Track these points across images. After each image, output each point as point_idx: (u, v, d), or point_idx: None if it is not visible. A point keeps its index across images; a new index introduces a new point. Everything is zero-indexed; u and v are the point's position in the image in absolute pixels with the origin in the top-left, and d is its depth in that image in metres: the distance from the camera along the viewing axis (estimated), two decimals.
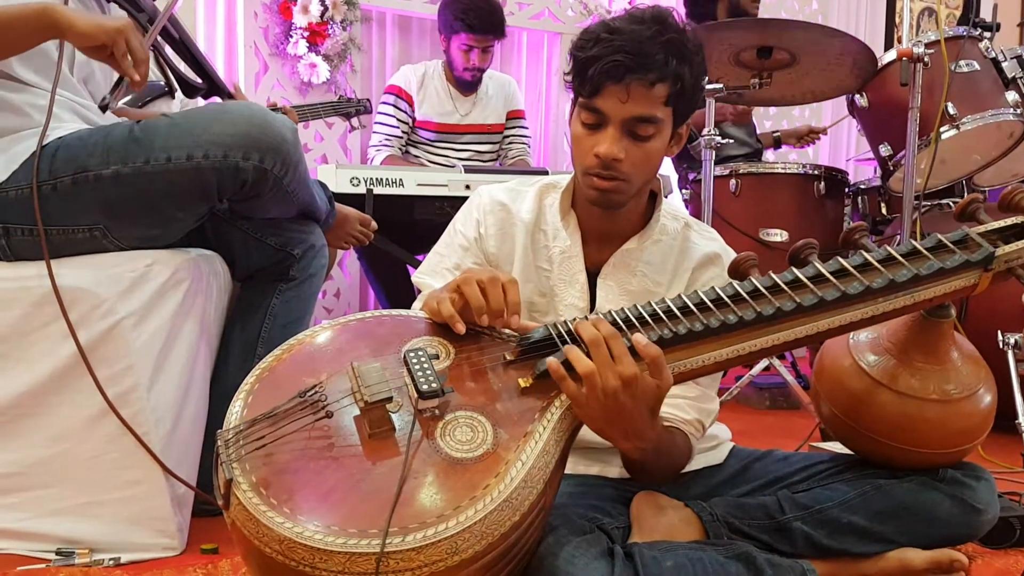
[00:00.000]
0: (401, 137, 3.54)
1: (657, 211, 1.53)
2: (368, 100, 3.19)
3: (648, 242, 1.52)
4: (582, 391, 1.14)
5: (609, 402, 1.13)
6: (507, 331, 1.27)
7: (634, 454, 1.26)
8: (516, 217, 1.55)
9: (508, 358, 1.23)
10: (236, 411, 1.14)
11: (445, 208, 2.80)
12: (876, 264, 1.26)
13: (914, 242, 1.28)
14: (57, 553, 1.52)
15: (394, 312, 1.33)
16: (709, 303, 1.24)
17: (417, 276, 1.57)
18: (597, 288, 1.51)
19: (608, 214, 1.48)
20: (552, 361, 1.16)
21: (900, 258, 1.26)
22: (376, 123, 3.54)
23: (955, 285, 1.26)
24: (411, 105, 3.54)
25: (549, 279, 1.53)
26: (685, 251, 1.55)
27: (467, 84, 3.57)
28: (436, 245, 1.60)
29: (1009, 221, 1.31)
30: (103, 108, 1.59)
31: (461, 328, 1.24)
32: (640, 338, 1.16)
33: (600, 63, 1.33)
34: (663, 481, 1.45)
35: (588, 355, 1.14)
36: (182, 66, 2.01)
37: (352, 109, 3.13)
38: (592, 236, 1.53)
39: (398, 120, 3.52)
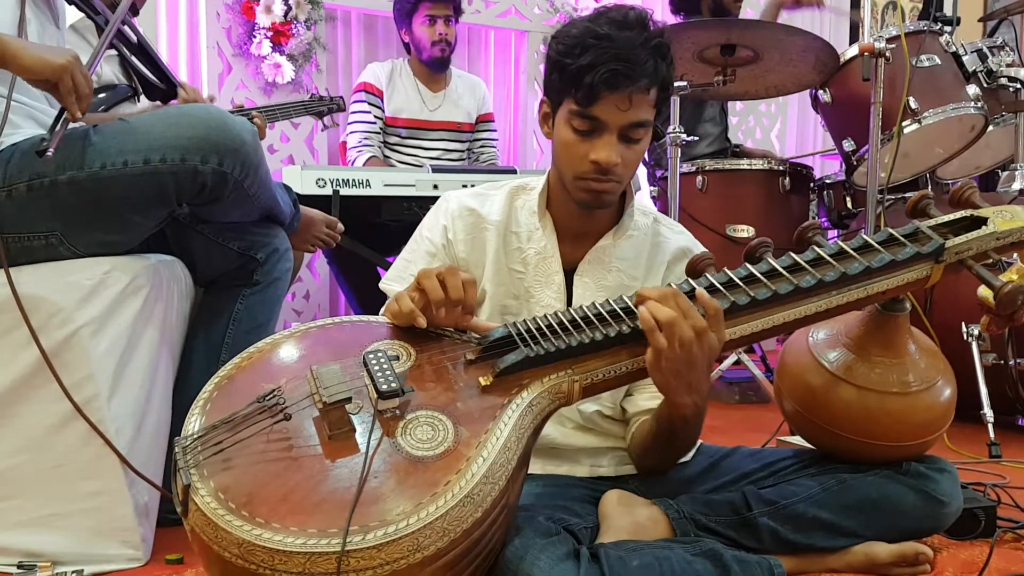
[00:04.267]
0: (379, 133, 3.52)
1: (629, 207, 1.54)
2: (341, 98, 3.16)
3: (622, 238, 1.53)
4: (662, 340, 1.19)
5: (684, 352, 1.19)
6: (468, 332, 1.28)
7: (690, 409, 1.30)
8: (486, 221, 1.55)
9: (469, 358, 1.23)
10: (194, 420, 1.14)
11: (413, 208, 2.78)
12: (828, 258, 1.28)
13: (865, 236, 1.30)
14: (18, 567, 1.49)
15: (355, 318, 1.34)
16: None
17: (384, 282, 1.57)
18: (574, 286, 1.52)
19: (587, 213, 1.49)
20: (644, 311, 1.20)
21: (852, 252, 1.29)
22: (352, 122, 3.52)
23: (908, 277, 1.28)
24: (382, 100, 3.53)
25: (523, 281, 1.53)
26: (657, 245, 1.57)
27: (438, 64, 3.54)
28: (403, 251, 1.60)
29: (959, 214, 1.34)
30: (41, 153, 1.45)
31: (422, 322, 1.24)
32: (703, 293, 1.22)
33: (597, 72, 1.33)
34: (672, 463, 1.50)
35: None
36: (142, 68, 1.99)
37: (324, 108, 3.08)
38: (567, 235, 1.53)
39: (374, 116, 3.50)
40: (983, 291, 1.29)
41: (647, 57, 1.35)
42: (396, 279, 1.54)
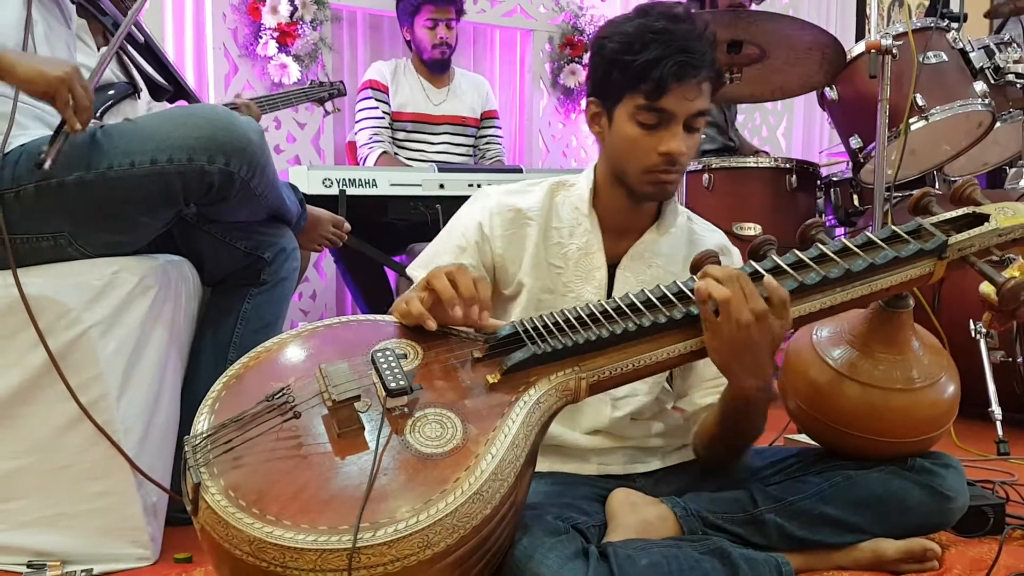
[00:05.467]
0: (388, 128, 3.53)
1: (672, 202, 1.56)
2: (342, 82, 3.15)
3: (664, 234, 1.56)
4: (718, 319, 1.21)
5: (741, 334, 1.20)
6: (475, 331, 1.28)
7: (752, 392, 1.31)
8: (527, 216, 1.56)
9: (476, 355, 1.24)
10: (203, 419, 1.14)
11: (419, 208, 2.78)
12: (832, 255, 1.28)
13: (869, 233, 1.31)
14: (28, 566, 1.50)
15: (362, 317, 1.35)
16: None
17: (411, 268, 1.59)
18: (615, 280, 1.54)
19: (634, 208, 1.52)
20: (701, 284, 1.22)
21: (856, 249, 1.29)
22: (360, 120, 3.52)
23: (911, 274, 1.29)
24: (388, 95, 3.54)
25: (562, 275, 1.54)
26: (693, 243, 1.59)
27: (439, 65, 3.56)
28: (434, 240, 1.61)
29: (961, 211, 1.34)
30: (39, 165, 1.45)
31: (432, 325, 1.25)
32: (771, 279, 1.23)
33: (665, 64, 1.36)
34: (739, 451, 1.49)
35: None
36: (149, 69, 1.99)
37: (325, 93, 3.07)
38: (610, 230, 1.55)
39: (382, 112, 3.51)
40: (986, 287, 1.30)
41: (705, 47, 1.39)
42: (424, 266, 1.53)
